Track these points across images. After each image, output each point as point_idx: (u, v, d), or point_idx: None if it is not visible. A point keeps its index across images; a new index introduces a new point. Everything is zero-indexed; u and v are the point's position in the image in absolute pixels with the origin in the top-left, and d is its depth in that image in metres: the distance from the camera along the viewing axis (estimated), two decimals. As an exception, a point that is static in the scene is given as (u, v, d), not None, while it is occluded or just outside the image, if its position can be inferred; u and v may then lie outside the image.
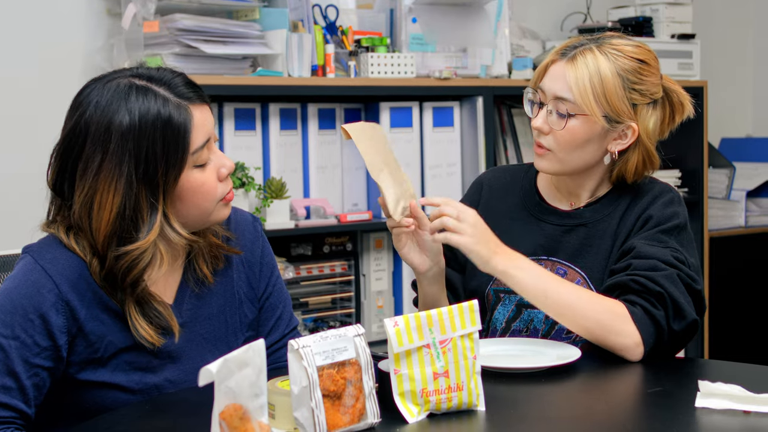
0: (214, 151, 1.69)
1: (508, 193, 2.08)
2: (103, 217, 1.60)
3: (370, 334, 3.26)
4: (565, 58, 1.92)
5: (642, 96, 1.92)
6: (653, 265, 1.83)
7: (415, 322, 1.47)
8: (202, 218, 1.69)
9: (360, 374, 1.42)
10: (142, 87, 1.62)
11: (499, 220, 2.04)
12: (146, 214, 1.61)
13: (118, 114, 1.59)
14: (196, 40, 2.84)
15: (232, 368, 1.27)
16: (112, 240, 1.61)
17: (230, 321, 1.78)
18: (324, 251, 3.20)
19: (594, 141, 1.93)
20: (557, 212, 2.02)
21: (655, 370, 1.76)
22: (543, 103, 1.94)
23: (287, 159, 3.11)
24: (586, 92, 1.89)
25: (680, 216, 1.93)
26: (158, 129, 1.60)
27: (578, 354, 1.77)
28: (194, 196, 1.66)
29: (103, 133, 1.59)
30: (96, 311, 1.64)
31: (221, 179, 1.69)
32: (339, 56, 3.17)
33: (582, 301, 1.81)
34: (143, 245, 1.61)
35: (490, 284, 2.00)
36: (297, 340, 1.38)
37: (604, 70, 1.89)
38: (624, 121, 1.91)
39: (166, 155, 1.61)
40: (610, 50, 1.92)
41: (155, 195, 1.61)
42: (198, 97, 1.66)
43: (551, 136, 1.93)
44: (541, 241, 1.99)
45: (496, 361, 1.74)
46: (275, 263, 1.88)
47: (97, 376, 1.65)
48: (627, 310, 1.80)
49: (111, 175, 1.59)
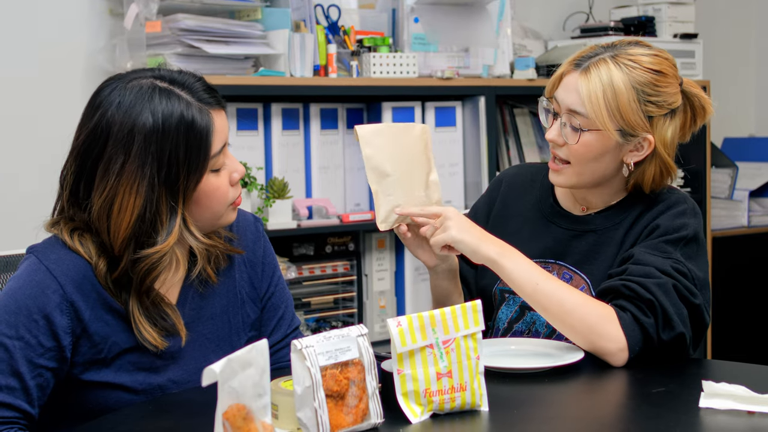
0: (229, 156, 1.70)
1: (525, 192, 2.08)
2: (124, 220, 1.59)
3: (373, 334, 3.25)
4: (578, 69, 1.88)
5: (659, 108, 1.89)
6: (648, 272, 1.81)
7: (418, 322, 1.47)
8: (212, 222, 1.70)
9: (363, 374, 1.42)
10: (165, 89, 1.62)
11: (511, 219, 2.04)
12: (166, 218, 1.61)
13: (142, 115, 1.59)
14: (198, 40, 2.84)
15: (236, 368, 1.27)
16: (130, 243, 1.60)
17: (233, 321, 1.79)
18: (326, 251, 3.20)
19: (609, 153, 1.90)
20: (569, 216, 2.01)
21: (658, 370, 1.75)
22: (557, 114, 1.92)
23: (289, 159, 3.11)
24: (599, 106, 1.85)
25: (689, 228, 1.88)
26: (182, 132, 1.60)
27: (582, 354, 1.77)
28: (209, 200, 1.66)
29: (126, 135, 1.58)
30: (100, 312, 1.64)
31: (233, 184, 1.70)
32: (341, 56, 3.17)
33: (571, 299, 1.79)
34: (163, 249, 1.61)
35: (497, 283, 2.00)
36: (300, 340, 1.38)
37: (618, 83, 1.85)
38: (639, 134, 1.88)
39: (188, 159, 1.60)
40: (626, 61, 1.87)
41: (175, 199, 1.61)
42: (217, 102, 1.67)
43: (566, 147, 1.91)
44: (549, 245, 1.98)
45: (499, 361, 1.74)
46: (277, 263, 1.88)
47: (101, 376, 1.65)
48: (616, 315, 1.78)
49: (133, 177, 1.58)
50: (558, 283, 1.82)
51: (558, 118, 1.91)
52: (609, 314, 1.78)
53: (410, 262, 3.34)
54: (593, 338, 1.78)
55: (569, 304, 1.79)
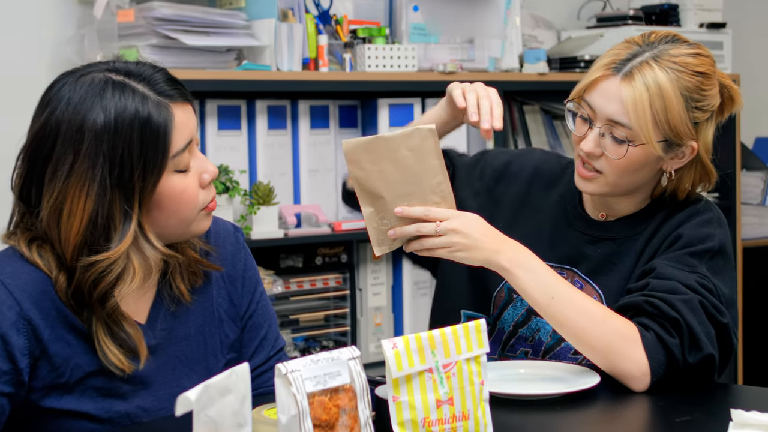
0: (196, 154, 1.69)
1: (552, 185, 2.07)
2: (73, 225, 1.59)
3: (367, 355, 3.25)
4: (619, 74, 1.86)
5: (704, 112, 1.89)
6: (672, 287, 1.80)
7: (416, 344, 1.46)
8: (181, 229, 1.69)
9: (355, 402, 1.41)
10: (119, 83, 1.62)
11: (533, 214, 2.04)
12: (119, 223, 1.61)
13: (92, 112, 1.59)
14: (175, 30, 2.84)
15: (213, 395, 1.26)
16: (82, 250, 1.60)
17: (209, 342, 1.78)
18: (316, 263, 3.20)
19: (650, 164, 1.90)
20: (587, 219, 2.01)
21: (683, 397, 1.75)
22: (590, 120, 1.90)
23: (276, 161, 3.11)
24: (645, 117, 1.84)
25: (715, 239, 1.88)
26: (136, 129, 1.60)
27: (598, 379, 1.76)
28: (173, 203, 1.65)
29: (75, 133, 1.59)
30: (61, 331, 1.63)
31: (203, 186, 1.69)
32: (333, 48, 3.17)
33: (591, 314, 1.79)
34: (113, 255, 1.60)
35: (505, 281, 1.99)
36: (285, 363, 1.38)
37: (667, 91, 1.84)
38: (685, 142, 1.89)
39: (144, 158, 1.60)
40: (671, 65, 1.86)
41: (130, 202, 1.61)
42: (180, 95, 1.66)
43: (604, 159, 1.90)
44: (566, 250, 1.98)
45: (506, 387, 1.73)
46: (259, 278, 1.87)
47: (63, 403, 1.64)
48: (639, 334, 1.78)
49: (83, 178, 1.59)
50: (576, 294, 1.82)
51: (593, 127, 1.90)
52: (631, 333, 1.78)
53: (409, 276, 3.33)
54: (613, 359, 1.77)
55: (588, 319, 1.78)
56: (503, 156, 2.15)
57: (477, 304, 2.03)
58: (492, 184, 2.10)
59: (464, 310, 2.04)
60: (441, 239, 1.83)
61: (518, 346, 1.99)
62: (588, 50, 3.60)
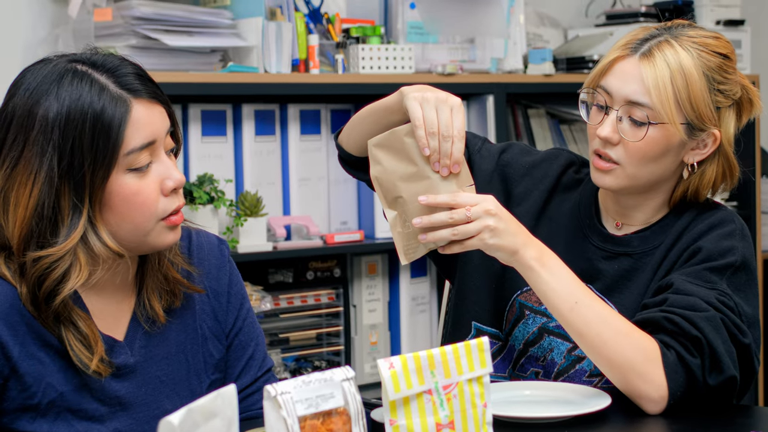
0: (161, 158, 1.69)
1: (570, 191, 2.06)
2: (19, 215, 1.62)
3: (362, 376, 3.25)
4: (637, 54, 1.88)
5: (726, 98, 1.91)
6: (692, 303, 1.79)
7: (415, 364, 1.47)
8: (137, 237, 1.68)
9: (349, 426, 1.42)
10: (80, 72, 1.65)
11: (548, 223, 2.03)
12: (67, 216, 1.63)
13: (47, 100, 1.63)
14: (155, 30, 2.85)
15: (198, 419, 1.26)
16: (28, 243, 1.62)
17: (192, 361, 1.78)
18: (307, 278, 3.20)
19: (671, 152, 1.90)
20: (603, 233, 2.00)
21: (700, 420, 1.75)
22: (607, 107, 1.91)
23: (264, 170, 3.11)
24: (667, 95, 1.86)
25: (737, 253, 1.87)
26: (87, 121, 1.62)
27: (608, 401, 1.76)
28: (126, 205, 1.66)
29: (26, 119, 1.63)
30: (32, 348, 1.63)
31: (165, 193, 1.69)
32: (324, 48, 3.18)
33: (615, 326, 1.79)
34: (59, 252, 1.61)
35: (518, 293, 1.99)
36: (275, 385, 1.38)
37: (689, 68, 1.87)
38: (708, 128, 1.90)
39: (95, 151, 1.62)
40: (691, 44, 1.88)
41: (80, 195, 1.63)
42: (147, 92, 1.67)
43: (621, 146, 1.90)
44: (581, 264, 1.97)
45: (510, 410, 1.74)
46: (245, 293, 1.87)
47: (35, 427, 1.64)
48: (660, 352, 1.78)
49: (30, 166, 1.62)
50: (600, 304, 1.82)
51: (610, 112, 1.91)
52: (653, 351, 1.77)
53: (406, 291, 3.34)
54: (631, 377, 1.77)
55: (611, 331, 1.78)
56: (528, 157, 2.11)
57: (490, 317, 2.02)
58: (511, 188, 2.07)
59: (475, 323, 2.03)
60: (473, 225, 1.77)
61: (528, 366, 1.99)
62: (597, 50, 3.61)
